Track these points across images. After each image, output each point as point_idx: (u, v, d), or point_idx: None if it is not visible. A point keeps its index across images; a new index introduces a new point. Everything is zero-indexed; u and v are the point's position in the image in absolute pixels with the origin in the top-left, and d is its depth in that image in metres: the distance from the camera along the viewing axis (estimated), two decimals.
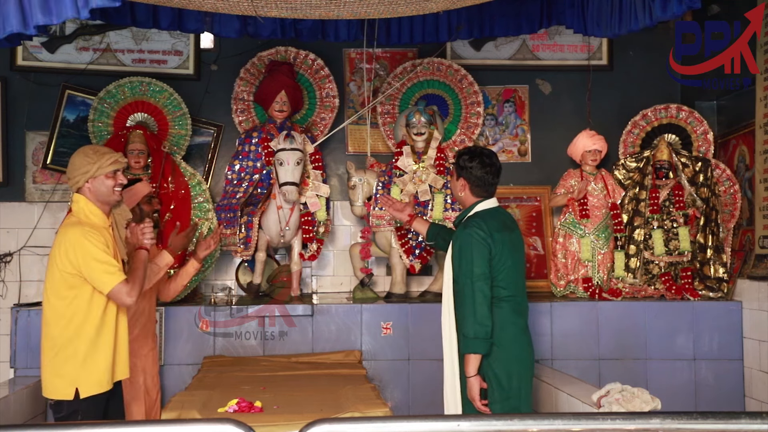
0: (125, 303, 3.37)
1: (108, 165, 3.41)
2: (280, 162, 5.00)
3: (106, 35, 5.72)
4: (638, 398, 3.42)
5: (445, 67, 5.73)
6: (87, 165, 3.40)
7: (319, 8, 3.89)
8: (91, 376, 3.37)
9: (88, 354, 3.36)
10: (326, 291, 5.73)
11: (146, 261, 3.55)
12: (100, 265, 3.30)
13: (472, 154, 3.71)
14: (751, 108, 5.04)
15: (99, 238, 3.33)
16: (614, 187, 5.50)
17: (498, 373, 3.50)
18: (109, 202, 3.48)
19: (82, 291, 3.36)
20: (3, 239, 5.59)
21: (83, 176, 3.40)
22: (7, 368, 4.85)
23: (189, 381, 4.50)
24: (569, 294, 5.44)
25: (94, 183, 3.42)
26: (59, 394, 3.38)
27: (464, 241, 3.53)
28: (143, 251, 3.54)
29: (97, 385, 3.38)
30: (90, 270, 3.30)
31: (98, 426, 1.92)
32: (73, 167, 3.44)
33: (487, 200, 3.69)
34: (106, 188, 3.43)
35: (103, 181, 3.42)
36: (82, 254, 3.30)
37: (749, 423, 1.90)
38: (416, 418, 2.40)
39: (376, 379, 4.80)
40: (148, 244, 3.56)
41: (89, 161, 3.41)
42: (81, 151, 3.50)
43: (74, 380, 3.35)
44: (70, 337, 3.37)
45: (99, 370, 3.38)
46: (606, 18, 4.32)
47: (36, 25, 2.78)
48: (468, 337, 3.45)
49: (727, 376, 5.06)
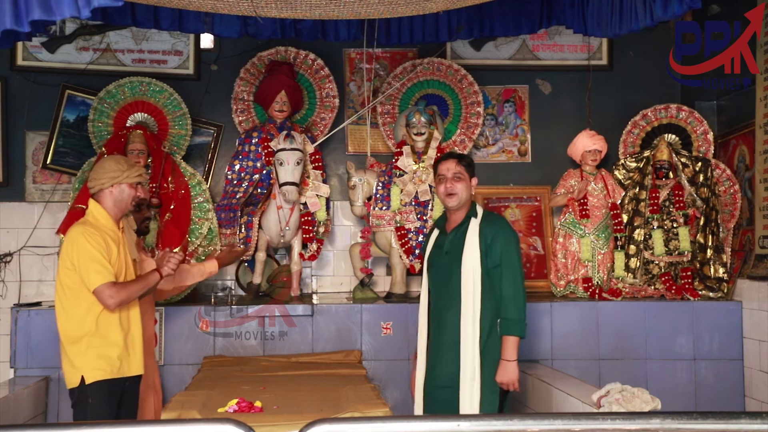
0: (106, 304, 3.52)
1: (134, 176, 3.69)
2: (280, 162, 5.00)
3: (106, 35, 5.72)
4: (638, 398, 3.42)
5: (445, 67, 5.73)
6: (117, 171, 3.66)
7: (319, 8, 3.89)
8: (94, 362, 3.53)
9: (90, 345, 3.54)
10: (326, 291, 5.73)
11: (153, 283, 3.73)
12: (91, 263, 3.49)
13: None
14: (751, 108, 5.04)
15: (97, 238, 3.52)
16: (614, 187, 5.50)
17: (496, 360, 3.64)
18: (124, 209, 3.71)
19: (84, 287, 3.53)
20: (3, 239, 5.59)
21: (110, 180, 3.64)
22: (7, 368, 4.85)
23: (189, 381, 4.50)
24: (569, 294, 5.44)
25: (118, 188, 3.66)
26: (70, 382, 3.59)
27: (509, 234, 3.72)
28: (156, 274, 3.72)
29: (101, 371, 3.53)
30: (82, 266, 3.50)
31: (98, 426, 1.92)
32: (103, 170, 3.67)
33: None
34: (127, 196, 3.68)
35: (125, 188, 3.67)
36: (77, 251, 3.51)
37: (749, 423, 1.90)
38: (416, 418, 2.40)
39: (376, 379, 4.80)
40: (165, 272, 3.74)
41: (120, 168, 3.67)
42: (113, 158, 3.82)
43: (79, 368, 3.55)
44: (77, 330, 3.56)
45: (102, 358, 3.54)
46: (606, 18, 4.31)
47: (32, 21, 2.78)
48: (515, 320, 3.59)
49: (727, 376, 5.06)
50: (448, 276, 3.72)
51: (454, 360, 3.63)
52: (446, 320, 3.69)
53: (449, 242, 3.77)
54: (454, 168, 3.80)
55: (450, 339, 3.67)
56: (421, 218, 5.26)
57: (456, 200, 3.76)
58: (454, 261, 3.70)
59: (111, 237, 3.60)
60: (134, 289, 3.60)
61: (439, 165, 3.87)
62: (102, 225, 3.61)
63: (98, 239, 3.51)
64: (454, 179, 3.77)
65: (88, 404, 3.51)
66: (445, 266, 3.75)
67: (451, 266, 3.71)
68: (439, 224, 3.94)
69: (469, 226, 3.72)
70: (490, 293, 3.64)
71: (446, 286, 3.72)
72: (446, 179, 3.78)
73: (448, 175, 3.79)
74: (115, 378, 3.57)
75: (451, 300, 3.69)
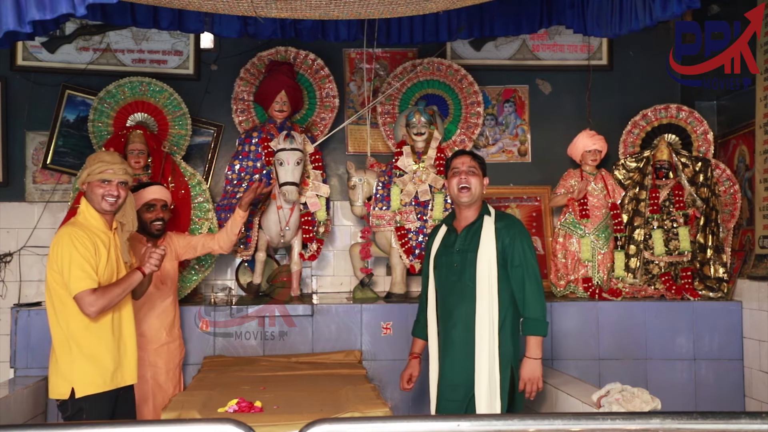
0: (86, 313, 3.36)
1: (97, 173, 3.45)
2: (280, 162, 5.00)
3: (106, 35, 5.72)
4: (638, 398, 3.42)
5: (445, 67, 5.73)
6: (83, 170, 3.51)
7: (319, 8, 3.89)
8: (86, 376, 3.41)
9: (81, 353, 3.41)
10: (326, 291, 5.73)
11: (135, 283, 3.51)
12: (74, 269, 3.33)
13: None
14: (751, 108, 5.04)
15: (84, 242, 3.37)
16: (614, 187, 5.50)
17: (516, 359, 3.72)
18: (99, 209, 3.49)
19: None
20: (3, 239, 5.59)
21: (79, 180, 3.51)
22: (7, 368, 4.85)
23: (189, 381, 4.50)
24: (569, 294, 5.44)
25: (88, 188, 3.49)
26: (57, 393, 3.45)
27: (524, 232, 3.76)
28: (138, 273, 3.50)
29: (93, 385, 3.42)
30: (65, 270, 3.35)
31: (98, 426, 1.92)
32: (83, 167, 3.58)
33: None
34: (96, 195, 3.47)
35: (93, 188, 3.47)
36: (61, 253, 3.36)
37: (749, 423, 1.90)
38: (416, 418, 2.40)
39: (376, 379, 4.80)
40: (147, 270, 3.52)
41: (85, 166, 3.51)
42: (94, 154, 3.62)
43: (69, 379, 3.41)
44: (65, 336, 3.43)
45: (94, 369, 3.43)
46: (606, 18, 4.31)
47: (30, 21, 2.77)
48: (540, 319, 3.65)
49: (727, 376, 5.06)
50: (459, 274, 3.71)
51: (466, 357, 3.65)
52: (457, 318, 3.70)
53: (461, 240, 3.76)
54: (469, 162, 3.79)
55: (461, 337, 3.68)
56: (421, 218, 5.26)
57: (469, 195, 3.74)
58: (468, 259, 3.69)
59: (100, 238, 3.45)
60: (115, 293, 3.38)
61: (454, 159, 3.86)
62: (92, 225, 3.46)
63: (85, 242, 3.36)
64: (469, 173, 3.75)
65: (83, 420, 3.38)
66: (455, 264, 3.74)
67: (463, 264, 3.70)
68: (448, 222, 3.92)
69: (484, 224, 3.72)
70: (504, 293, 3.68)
71: (457, 284, 3.72)
72: (461, 172, 3.76)
73: (462, 168, 3.77)
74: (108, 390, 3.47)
75: (461, 297, 3.69)
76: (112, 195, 3.47)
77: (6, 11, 2.75)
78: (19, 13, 2.77)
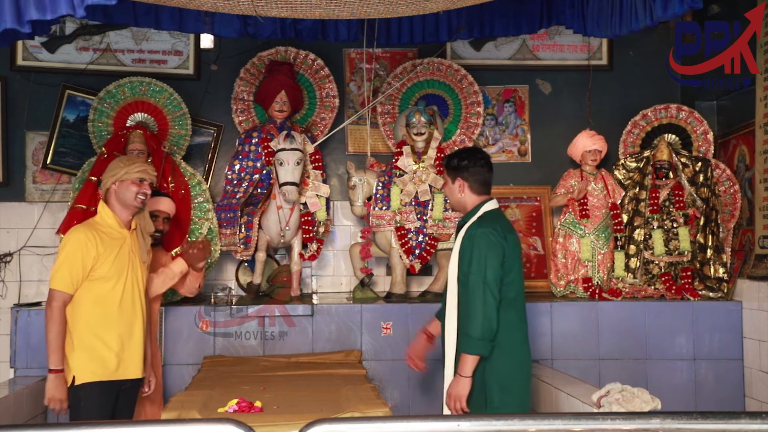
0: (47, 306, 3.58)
1: (135, 172, 3.73)
2: (280, 162, 5.00)
3: (106, 35, 5.72)
4: (638, 398, 3.42)
5: (445, 67, 5.73)
6: (117, 169, 3.73)
7: (319, 8, 3.89)
8: (83, 363, 3.56)
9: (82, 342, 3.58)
10: (326, 291, 5.73)
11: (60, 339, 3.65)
12: (64, 268, 3.58)
13: (464, 153, 3.77)
14: (751, 108, 5.04)
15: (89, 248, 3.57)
16: (614, 187, 5.50)
17: (501, 377, 3.49)
18: (130, 206, 3.74)
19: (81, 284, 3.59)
20: (3, 239, 5.59)
21: (111, 178, 3.70)
22: (7, 368, 4.85)
23: (189, 381, 4.50)
24: (569, 294, 5.44)
25: (120, 186, 3.72)
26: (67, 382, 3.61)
27: (479, 242, 3.48)
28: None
29: (91, 373, 3.55)
30: (57, 262, 3.61)
31: (98, 426, 1.92)
32: (107, 170, 3.78)
33: (490, 201, 3.68)
34: (130, 192, 3.72)
35: (128, 185, 3.71)
36: (65, 248, 3.61)
37: (749, 423, 1.90)
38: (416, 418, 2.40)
39: (376, 379, 4.80)
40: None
41: (120, 166, 3.74)
42: (117, 158, 3.95)
43: (71, 367, 3.58)
44: (72, 328, 3.60)
45: (96, 358, 3.57)
46: (606, 18, 4.31)
47: (33, 22, 2.77)
48: (473, 337, 3.41)
49: (727, 376, 5.05)
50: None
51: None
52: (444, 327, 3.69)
53: None
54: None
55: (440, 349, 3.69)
56: (421, 218, 5.26)
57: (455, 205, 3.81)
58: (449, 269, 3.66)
59: (113, 237, 3.64)
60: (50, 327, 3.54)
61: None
62: (107, 225, 3.69)
63: (89, 248, 3.56)
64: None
65: (81, 408, 3.50)
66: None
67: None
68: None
69: (459, 234, 3.63)
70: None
71: (445, 292, 3.72)
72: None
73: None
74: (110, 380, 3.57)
75: (444, 306, 3.68)
76: (144, 193, 3.76)
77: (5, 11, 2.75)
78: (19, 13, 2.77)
